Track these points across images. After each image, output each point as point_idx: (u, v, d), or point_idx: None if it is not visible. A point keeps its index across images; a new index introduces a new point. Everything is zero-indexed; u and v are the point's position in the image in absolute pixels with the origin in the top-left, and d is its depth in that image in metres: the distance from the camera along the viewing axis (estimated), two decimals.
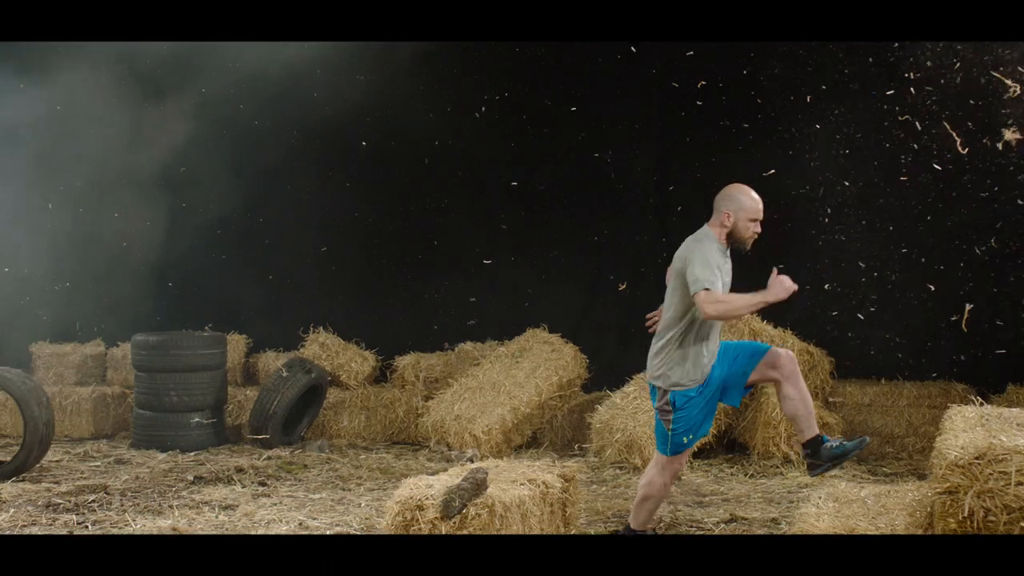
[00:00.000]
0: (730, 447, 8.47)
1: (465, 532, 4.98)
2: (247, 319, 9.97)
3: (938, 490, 4.36)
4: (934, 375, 8.70)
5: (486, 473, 5.20)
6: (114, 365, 9.74)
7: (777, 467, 7.86)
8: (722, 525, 6.16)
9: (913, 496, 4.94)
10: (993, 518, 4.28)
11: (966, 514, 4.29)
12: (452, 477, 5.32)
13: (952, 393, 8.27)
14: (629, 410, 7.92)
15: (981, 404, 5.21)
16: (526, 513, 5.34)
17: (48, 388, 9.41)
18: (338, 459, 8.25)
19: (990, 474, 4.28)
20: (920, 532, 4.56)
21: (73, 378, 9.66)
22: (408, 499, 5.13)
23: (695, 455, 8.10)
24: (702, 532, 5.99)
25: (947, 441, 4.47)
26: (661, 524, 6.14)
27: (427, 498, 5.11)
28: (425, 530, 5.05)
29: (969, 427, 4.73)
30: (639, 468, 7.66)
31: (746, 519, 6.27)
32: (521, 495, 5.32)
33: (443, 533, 4.97)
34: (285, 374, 8.71)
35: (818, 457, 5.62)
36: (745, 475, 7.69)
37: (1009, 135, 7.35)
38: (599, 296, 9.71)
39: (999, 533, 4.26)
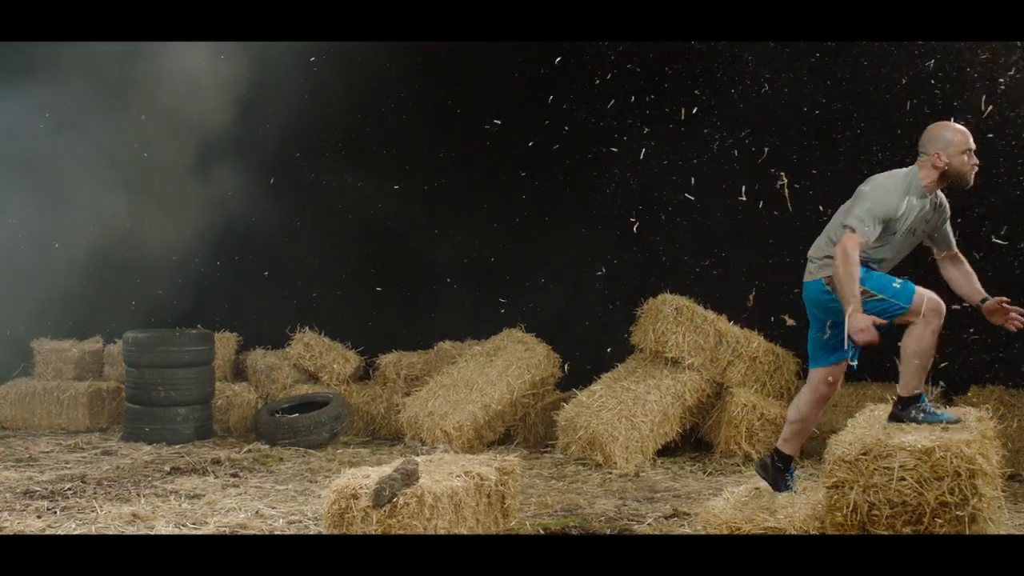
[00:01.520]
0: (696, 446, 8.67)
1: (395, 520, 5.26)
2: (241, 317, 10.31)
3: (826, 484, 4.56)
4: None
5: (417, 464, 5.47)
6: (110, 361, 10.11)
7: (737, 465, 8.05)
8: (662, 519, 6.36)
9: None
10: (877, 512, 4.48)
11: (851, 508, 4.50)
12: (390, 468, 5.59)
13: None
14: (594, 408, 8.15)
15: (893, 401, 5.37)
16: (459, 504, 5.61)
17: (47, 383, 9.86)
18: (315, 453, 8.56)
19: (875, 469, 4.49)
20: (816, 524, 4.75)
21: (71, 373, 10.03)
22: (344, 488, 5.42)
23: (661, 453, 8.33)
24: (638, 525, 6.19)
25: (839, 437, 4.67)
26: (602, 518, 6.37)
27: (361, 487, 5.40)
28: (358, 517, 5.34)
29: (869, 425, 4.92)
30: (600, 464, 7.89)
31: (688, 514, 6.47)
32: (454, 486, 5.59)
33: (377, 523, 5.27)
34: (312, 427, 8.91)
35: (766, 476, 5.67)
36: (704, 472, 7.89)
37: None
38: (579, 297, 9.93)
39: (882, 527, 4.46)
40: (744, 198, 7.70)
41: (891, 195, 5.14)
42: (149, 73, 10.00)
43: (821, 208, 8.50)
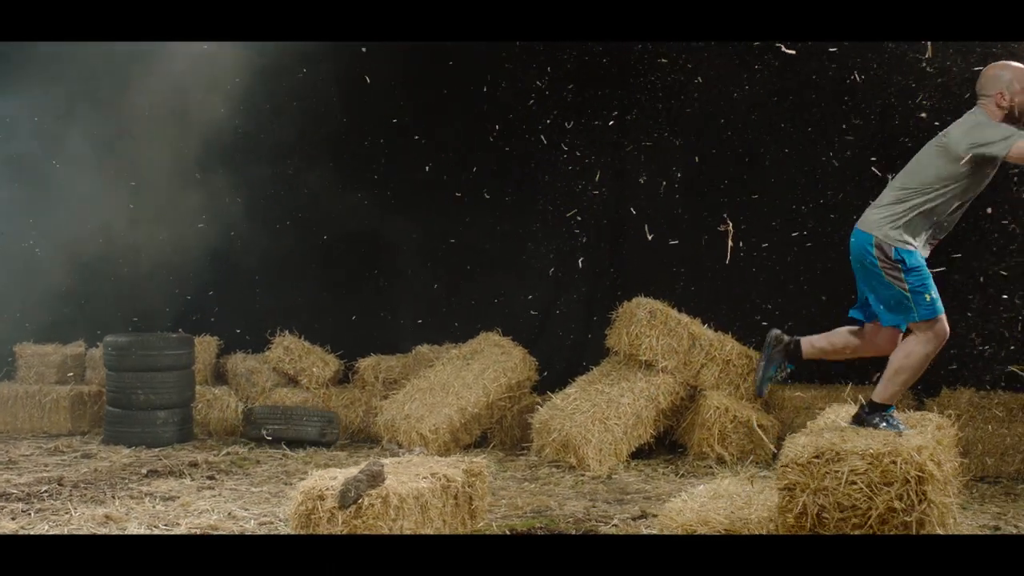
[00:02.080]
0: (671, 448, 8.77)
1: (360, 521, 5.34)
2: (223, 322, 10.39)
3: (778, 487, 4.65)
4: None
5: (382, 466, 5.55)
6: (93, 365, 10.18)
7: (710, 467, 8.13)
8: (629, 520, 6.44)
9: None
10: (827, 515, 4.57)
11: (801, 511, 4.58)
12: (356, 470, 5.67)
13: None
14: (568, 411, 8.23)
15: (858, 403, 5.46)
16: (425, 505, 5.69)
17: (29, 387, 9.94)
18: (293, 456, 8.63)
19: (826, 473, 4.57)
20: (771, 525, 4.83)
21: (54, 377, 10.11)
22: (311, 489, 5.51)
23: (635, 455, 8.42)
24: (604, 526, 6.28)
25: (793, 440, 4.75)
26: (570, 520, 6.45)
27: (328, 489, 5.48)
28: (324, 518, 5.43)
29: (828, 427, 5.01)
30: (574, 467, 7.98)
31: (656, 515, 6.53)
32: (420, 487, 5.67)
33: (339, 523, 5.35)
34: (304, 417, 9.02)
35: (771, 348, 5.57)
36: (676, 475, 7.97)
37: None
38: (559, 301, 10.02)
39: (831, 530, 4.55)
40: (724, 229, 7.79)
41: (986, 123, 5.02)
42: (131, 77, 10.03)
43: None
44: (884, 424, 5.11)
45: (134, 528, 6.10)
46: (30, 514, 6.43)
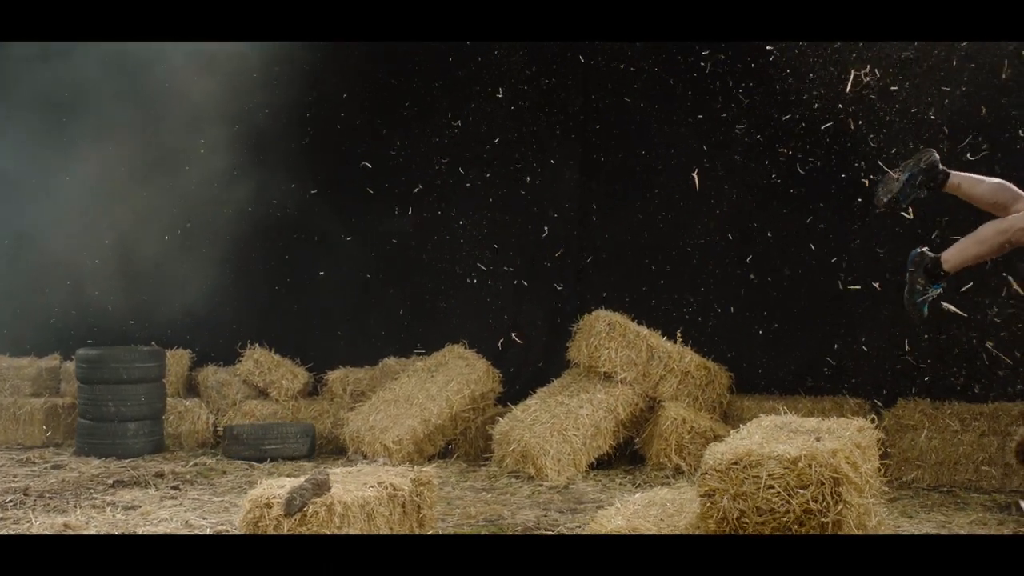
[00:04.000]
0: (631, 459, 8.91)
1: (305, 528, 5.49)
2: (197, 335, 10.55)
3: (699, 493, 4.80)
4: (850, 388, 9.05)
5: (327, 475, 5.71)
6: (67, 377, 10.34)
7: (667, 477, 8.27)
8: (576, 528, 6.59)
9: None
10: (746, 520, 4.72)
11: (722, 516, 4.74)
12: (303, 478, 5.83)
13: (845, 407, 8.63)
14: (527, 422, 8.38)
15: (785, 413, 5.63)
16: (371, 513, 5.83)
17: (3, 399, 10.10)
18: (259, 467, 8.78)
19: (744, 478, 4.73)
20: (696, 532, 4.98)
21: (29, 389, 10.27)
22: (259, 497, 5.65)
23: (595, 466, 8.56)
24: (549, 534, 6.42)
25: (713, 448, 4.91)
26: (518, 528, 6.60)
27: (275, 497, 5.64)
28: (271, 525, 5.58)
29: (749, 434, 5.17)
30: (533, 477, 8.13)
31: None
32: (366, 496, 5.82)
33: (287, 528, 5.51)
34: (299, 435, 9.21)
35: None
36: (633, 485, 8.10)
37: None
38: (525, 315, 10.17)
39: (750, 532, 4.70)
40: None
41: None
42: (95, 82, 10.09)
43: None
44: (920, 289, 5.07)
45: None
46: None
